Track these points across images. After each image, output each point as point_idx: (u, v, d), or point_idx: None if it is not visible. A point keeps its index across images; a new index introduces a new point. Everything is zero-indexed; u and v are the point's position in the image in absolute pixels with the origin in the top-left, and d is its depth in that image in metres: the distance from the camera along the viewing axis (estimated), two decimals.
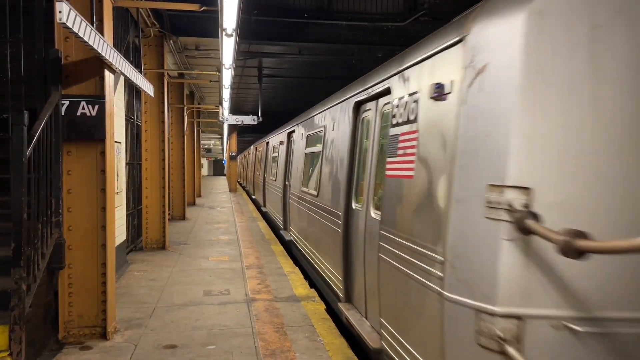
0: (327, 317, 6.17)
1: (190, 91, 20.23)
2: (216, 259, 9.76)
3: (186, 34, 11.39)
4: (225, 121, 19.72)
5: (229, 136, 33.19)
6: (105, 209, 5.39)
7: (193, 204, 21.03)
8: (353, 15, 11.75)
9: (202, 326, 5.82)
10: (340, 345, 5.25)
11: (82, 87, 5.35)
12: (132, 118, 10.06)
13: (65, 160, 5.30)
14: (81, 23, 4.47)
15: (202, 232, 13.29)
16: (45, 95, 5.43)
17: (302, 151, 9.58)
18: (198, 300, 6.87)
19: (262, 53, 14.71)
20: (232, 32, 7.36)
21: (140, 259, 9.67)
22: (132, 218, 10.22)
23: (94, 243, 5.39)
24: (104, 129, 5.34)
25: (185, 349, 5.15)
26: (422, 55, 3.92)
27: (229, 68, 10.44)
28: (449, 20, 3.91)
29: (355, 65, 14.43)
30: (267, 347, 5.16)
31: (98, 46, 4.91)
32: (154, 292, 7.28)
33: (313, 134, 8.64)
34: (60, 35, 5.25)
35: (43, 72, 5.71)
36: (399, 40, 12.11)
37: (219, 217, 16.88)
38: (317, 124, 8.30)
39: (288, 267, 8.94)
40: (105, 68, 5.43)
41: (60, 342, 5.29)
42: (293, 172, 10.57)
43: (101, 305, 5.40)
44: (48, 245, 4.95)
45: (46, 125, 4.86)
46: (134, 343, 5.30)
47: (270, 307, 6.54)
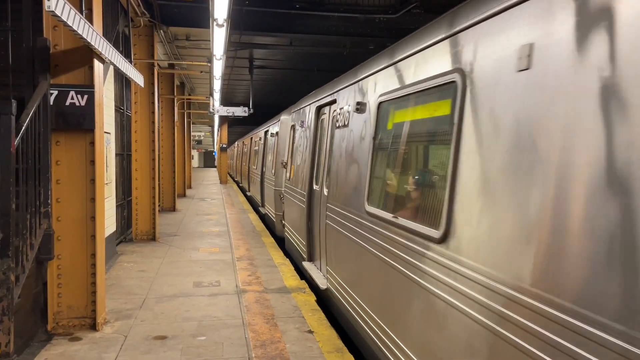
0: (317, 308, 6.20)
1: (180, 82, 20.10)
2: (206, 250, 9.75)
3: (176, 24, 11.29)
4: (216, 112, 19.61)
5: (219, 128, 33.05)
6: (95, 199, 5.36)
7: (183, 195, 20.95)
8: (345, 7, 11.72)
9: (192, 317, 5.82)
10: (330, 335, 5.28)
11: (71, 77, 5.29)
12: (122, 108, 9.98)
13: (54, 150, 5.26)
14: (70, 11, 4.42)
15: (193, 224, 13.26)
16: (33, 85, 5.38)
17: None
18: (188, 292, 6.87)
19: (253, 44, 14.62)
20: (223, 22, 7.32)
21: (130, 250, 9.64)
22: (122, 209, 10.17)
23: (83, 234, 5.36)
24: (93, 119, 5.30)
25: (176, 340, 5.15)
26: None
27: (220, 59, 10.37)
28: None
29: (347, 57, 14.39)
30: (257, 338, 5.18)
31: (87, 35, 4.86)
32: (144, 284, 7.26)
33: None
34: (49, 24, 5.18)
35: (31, 61, 5.65)
36: (391, 32, 12.09)
37: (210, 209, 16.85)
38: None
39: (279, 259, 8.95)
40: (95, 57, 5.38)
41: (49, 333, 5.27)
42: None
43: (91, 297, 5.38)
44: (37, 236, 4.91)
45: (34, 114, 4.81)
46: (124, 334, 5.29)
47: (261, 299, 6.55)
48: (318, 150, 7.49)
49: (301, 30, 12.28)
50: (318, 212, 7.01)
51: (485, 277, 2.58)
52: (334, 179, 6.04)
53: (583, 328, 1.93)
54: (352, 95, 5.59)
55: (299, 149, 8.68)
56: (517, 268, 2.34)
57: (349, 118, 5.55)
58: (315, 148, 7.62)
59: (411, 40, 4.18)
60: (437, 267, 3.19)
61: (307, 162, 7.87)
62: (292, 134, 9.89)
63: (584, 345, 1.92)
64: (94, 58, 5.36)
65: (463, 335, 2.83)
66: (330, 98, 6.66)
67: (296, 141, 9.12)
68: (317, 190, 7.23)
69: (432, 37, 3.66)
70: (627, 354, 1.75)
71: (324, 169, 6.86)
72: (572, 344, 1.98)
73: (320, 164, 7.14)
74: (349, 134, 5.54)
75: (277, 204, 11.44)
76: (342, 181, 5.67)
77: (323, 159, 6.95)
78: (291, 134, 10.06)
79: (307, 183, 7.69)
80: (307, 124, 8.21)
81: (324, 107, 7.26)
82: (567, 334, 1.99)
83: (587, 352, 1.90)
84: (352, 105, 5.43)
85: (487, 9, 2.93)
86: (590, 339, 1.90)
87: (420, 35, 3.98)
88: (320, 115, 7.51)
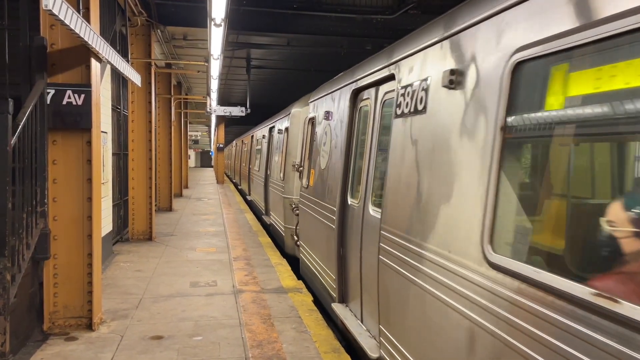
0: (314, 308, 6.20)
1: (177, 81, 20.06)
2: (203, 250, 9.74)
3: (174, 23, 11.27)
4: (213, 112, 19.58)
5: (216, 127, 33.00)
6: (92, 199, 5.35)
7: (180, 195, 20.91)
8: (342, 7, 11.71)
9: (188, 317, 5.81)
10: (327, 336, 5.28)
11: (68, 76, 5.28)
12: (119, 108, 9.96)
13: (50, 149, 5.24)
14: (67, 10, 4.41)
15: (189, 224, 13.24)
16: (30, 84, 5.36)
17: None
18: (185, 292, 6.86)
19: (250, 44, 14.60)
20: (220, 22, 7.31)
21: (127, 250, 9.61)
22: (119, 209, 10.15)
23: (80, 233, 5.34)
24: (90, 118, 5.28)
25: (172, 339, 5.14)
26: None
27: (217, 58, 10.36)
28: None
29: (344, 57, 14.39)
30: (254, 338, 5.18)
31: (84, 34, 4.85)
32: (141, 283, 7.25)
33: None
34: (46, 23, 5.17)
35: (28, 60, 5.63)
36: (388, 33, 12.09)
37: (206, 209, 16.82)
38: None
39: (275, 259, 8.95)
40: (92, 57, 5.36)
41: (45, 332, 5.25)
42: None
43: (87, 296, 5.37)
44: (33, 236, 4.90)
45: (31, 113, 4.79)
46: (120, 334, 5.28)
47: (258, 299, 6.55)
48: (355, 151, 5.49)
49: (298, 30, 12.27)
50: (357, 238, 5.07)
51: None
52: (393, 194, 4.00)
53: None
54: (436, 62, 3.51)
55: (323, 148, 6.55)
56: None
57: (429, 99, 3.52)
58: (349, 148, 5.56)
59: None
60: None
61: (337, 167, 5.79)
62: (311, 129, 7.83)
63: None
64: (91, 57, 5.35)
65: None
66: (380, 75, 4.59)
67: (318, 138, 6.88)
68: (354, 207, 5.27)
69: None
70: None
71: (367, 177, 4.91)
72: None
73: (362, 170, 5.09)
74: (427, 125, 3.52)
75: (288, 215, 9.65)
76: (415, 200, 3.61)
77: (366, 163, 4.95)
78: (307, 130, 8.10)
79: (338, 195, 5.63)
80: (336, 115, 6.13)
81: (365, 90, 5.23)
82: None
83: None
84: (436, 77, 3.44)
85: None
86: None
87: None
88: (359, 102, 5.45)
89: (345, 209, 5.54)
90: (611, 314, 1.83)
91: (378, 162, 4.78)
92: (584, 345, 1.94)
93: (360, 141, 5.36)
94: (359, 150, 5.39)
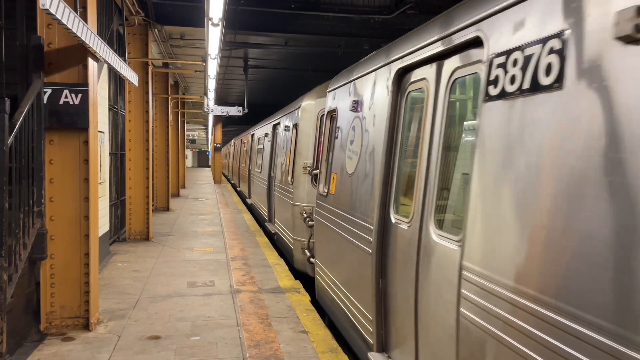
0: (311, 308, 6.20)
1: (174, 81, 20.04)
2: (200, 250, 9.73)
3: (171, 22, 11.25)
4: (210, 112, 19.56)
5: (213, 127, 32.98)
6: (89, 199, 5.33)
7: (177, 195, 20.89)
8: (340, 7, 11.71)
9: (186, 317, 5.80)
10: (325, 336, 5.28)
11: (65, 75, 5.26)
12: (116, 107, 9.94)
13: (47, 149, 5.23)
14: (64, 10, 4.40)
15: (187, 224, 13.22)
16: (27, 83, 5.35)
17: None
18: (182, 292, 6.85)
19: (248, 43, 14.58)
20: (218, 21, 7.30)
21: (124, 250, 9.59)
22: (116, 209, 10.13)
23: (77, 233, 5.33)
24: (87, 117, 5.27)
25: (169, 340, 5.13)
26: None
27: (215, 58, 10.35)
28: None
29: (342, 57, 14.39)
30: (251, 338, 5.17)
31: (82, 34, 4.84)
32: (138, 283, 7.23)
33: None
34: (43, 22, 5.15)
35: (25, 59, 5.62)
36: (386, 33, 12.11)
37: (203, 209, 16.80)
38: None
39: (273, 259, 8.94)
40: (89, 56, 5.35)
41: (42, 333, 5.24)
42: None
43: (84, 296, 5.36)
44: (30, 235, 4.88)
45: (28, 113, 4.78)
46: (117, 334, 5.27)
47: (255, 299, 6.54)
48: (400, 151, 4.15)
49: (296, 30, 12.27)
50: (408, 271, 3.68)
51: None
52: (491, 218, 2.67)
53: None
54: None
55: (350, 147, 5.17)
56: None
57: (569, 65, 2.21)
58: (391, 146, 4.22)
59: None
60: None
61: (372, 171, 4.47)
62: (329, 124, 6.44)
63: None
64: (88, 56, 5.34)
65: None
66: (449, 44, 3.32)
67: (342, 135, 5.55)
68: (401, 227, 3.86)
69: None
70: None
71: (425, 187, 3.53)
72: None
73: (415, 176, 3.73)
74: (566, 109, 2.22)
75: (297, 225, 8.40)
76: (549, 233, 2.24)
77: (423, 168, 3.58)
78: (325, 125, 6.69)
79: (375, 209, 4.25)
80: (368, 105, 4.74)
81: (417, 69, 3.87)
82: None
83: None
84: (595, 26, 2.10)
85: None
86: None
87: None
88: (406, 86, 4.06)
89: (386, 227, 4.15)
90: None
91: (444, 165, 3.45)
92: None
93: (408, 137, 4.14)
94: (406, 150, 4.13)
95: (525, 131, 2.48)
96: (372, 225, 4.30)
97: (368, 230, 4.38)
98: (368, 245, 4.36)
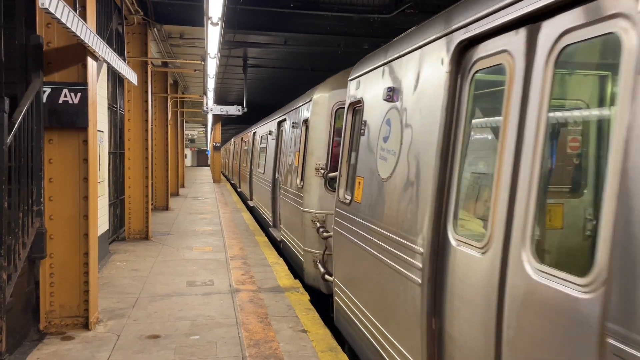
0: (311, 307, 6.20)
1: (174, 80, 20.03)
2: (200, 249, 9.73)
3: (170, 22, 11.25)
4: (209, 111, 19.54)
5: (213, 126, 32.97)
6: (88, 198, 5.33)
7: (176, 194, 20.88)
8: (339, 6, 11.70)
9: (185, 316, 5.80)
10: (324, 335, 5.28)
11: (64, 75, 5.26)
12: (115, 107, 9.94)
13: (46, 148, 5.22)
14: (64, 9, 4.39)
15: (186, 223, 13.22)
16: (26, 82, 5.35)
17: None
18: (181, 291, 6.85)
19: (247, 43, 14.58)
20: (217, 20, 7.30)
21: (123, 249, 9.59)
22: (115, 208, 10.13)
23: (76, 232, 5.33)
24: (86, 117, 5.27)
25: (169, 339, 5.13)
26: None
27: (214, 57, 10.35)
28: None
29: (341, 56, 14.39)
30: (251, 337, 5.18)
31: (81, 33, 4.83)
32: (137, 283, 7.23)
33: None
34: (42, 21, 5.15)
35: (24, 59, 5.61)
36: (385, 32, 12.11)
37: (203, 208, 16.80)
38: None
39: (272, 258, 8.95)
40: (88, 55, 5.35)
41: (42, 332, 5.24)
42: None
43: (83, 295, 5.36)
44: (29, 235, 4.88)
45: (27, 112, 4.78)
46: (117, 333, 5.27)
47: (255, 298, 6.54)
48: (462, 150, 3.12)
49: (295, 29, 12.26)
50: (484, 317, 2.68)
51: None
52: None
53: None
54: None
55: (383, 145, 4.21)
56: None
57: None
58: (448, 144, 3.21)
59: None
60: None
61: (419, 177, 3.50)
62: (352, 119, 5.43)
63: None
64: (88, 56, 5.34)
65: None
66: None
67: (370, 130, 4.62)
68: (468, 253, 2.88)
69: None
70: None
71: (512, 200, 2.52)
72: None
73: (492, 183, 2.71)
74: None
75: (309, 235, 7.41)
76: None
77: (506, 174, 2.59)
78: (346, 121, 5.54)
79: (425, 227, 3.30)
80: (410, 92, 3.80)
81: (491, 40, 2.89)
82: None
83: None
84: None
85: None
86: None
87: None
88: (469, 64, 3.09)
89: (442, 250, 3.16)
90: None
91: (545, 169, 2.45)
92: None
93: (475, 132, 3.22)
94: (472, 148, 3.18)
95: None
96: (419, 247, 3.32)
97: (413, 253, 3.41)
98: (414, 272, 3.38)
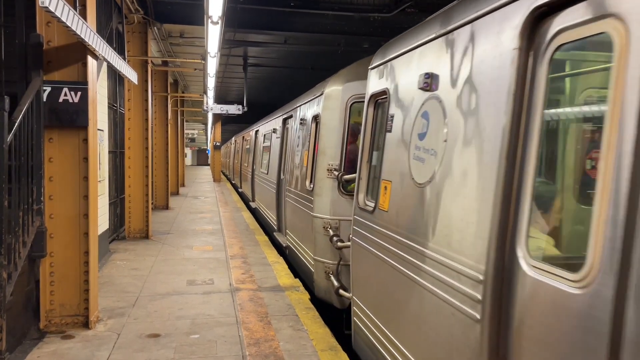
0: (311, 306, 6.20)
1: (174, 79, 20.02)
2: (200, 248, 9.73)
3: (171, 21, 11.24)
4: (209, 110, 19.55)
5: (213, 126, 32.97)
6: (88, 197, 5.33)
7: (176, 193, 20.88)
8: (339, 5, 11.69)
9: (185, 315, 5.80)
10: (324, 334, 5.28)
11: (64, 73, 5.26)
12: (115, 106, 9.93)
13: (46, 147, 5.22)
14: (64, 8, 4.39)
15: (186, 222, 13.22)
16: (26, 81, 5.35)
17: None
18: (182, 290, 6.85)
19: (247, 42, 14.58)
20: (217, 19, 7.30)
21: (123, 248, 9.59)
22: (115, 207, 10.13)
23: (76, 231, 5.33)
24: (86, 116, 5.27)
25: (169, 338, 5.13)
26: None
27: (214, 56, 10.35)
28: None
29: (341, 55, 14.39)
30: (251, 336, 5.18)
31: (81, 31, 4.83)
32: (137, 282, 7.23)
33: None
34: (42, 20, 5.14)
35: (24, 57, 5.61)
36: (385, 31, 12.10)
37: (203, 207, 16.80)
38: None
39: (272, 257, 8.95)
40: (88, 54, 5.34)
41: (42, 331, 5.24)
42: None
43: (83, 294, 5.36)
44: (29, 234, 4.88)
45: (27, 111, 4.77)
46: (117, 332, 5.27)
47: (255, 297, 6.55)
48: (538, 150, 2.35)
49: (296, 28, 12.26)
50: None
51: None
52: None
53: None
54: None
55: (418, 144, 3.51)
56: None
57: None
58: (515, 143, 2.44)
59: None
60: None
61: (473, 184, 2.73)
62: (374, 113, 4.77)
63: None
64: (88, 54, 5.33)
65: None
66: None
67: (397, 126, 3.93)
68: (553, 287, 2.11)
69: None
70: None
71: (629, 217, 1.75)
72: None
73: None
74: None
75: (320, 243, 6.69)
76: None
77: (624, 180, 1.78)
78: (367, 115, 4.83)
79: (486, 248, 2.51)
80: (452, 79, 3.11)
81: (576, 5, 2.13)
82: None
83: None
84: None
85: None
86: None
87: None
88: (546, 39, 2.31)
89: (510, 278, 2.43)
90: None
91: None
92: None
93: (551, 124, 2.55)
94: (555, 146, 2.60)
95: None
96: (476, 272, 2.59)
97: (468, 279, 2.67)
98: (469, 305, 2.65)
